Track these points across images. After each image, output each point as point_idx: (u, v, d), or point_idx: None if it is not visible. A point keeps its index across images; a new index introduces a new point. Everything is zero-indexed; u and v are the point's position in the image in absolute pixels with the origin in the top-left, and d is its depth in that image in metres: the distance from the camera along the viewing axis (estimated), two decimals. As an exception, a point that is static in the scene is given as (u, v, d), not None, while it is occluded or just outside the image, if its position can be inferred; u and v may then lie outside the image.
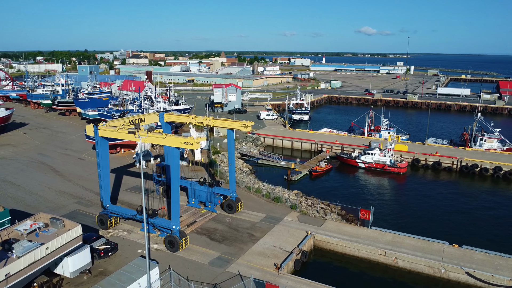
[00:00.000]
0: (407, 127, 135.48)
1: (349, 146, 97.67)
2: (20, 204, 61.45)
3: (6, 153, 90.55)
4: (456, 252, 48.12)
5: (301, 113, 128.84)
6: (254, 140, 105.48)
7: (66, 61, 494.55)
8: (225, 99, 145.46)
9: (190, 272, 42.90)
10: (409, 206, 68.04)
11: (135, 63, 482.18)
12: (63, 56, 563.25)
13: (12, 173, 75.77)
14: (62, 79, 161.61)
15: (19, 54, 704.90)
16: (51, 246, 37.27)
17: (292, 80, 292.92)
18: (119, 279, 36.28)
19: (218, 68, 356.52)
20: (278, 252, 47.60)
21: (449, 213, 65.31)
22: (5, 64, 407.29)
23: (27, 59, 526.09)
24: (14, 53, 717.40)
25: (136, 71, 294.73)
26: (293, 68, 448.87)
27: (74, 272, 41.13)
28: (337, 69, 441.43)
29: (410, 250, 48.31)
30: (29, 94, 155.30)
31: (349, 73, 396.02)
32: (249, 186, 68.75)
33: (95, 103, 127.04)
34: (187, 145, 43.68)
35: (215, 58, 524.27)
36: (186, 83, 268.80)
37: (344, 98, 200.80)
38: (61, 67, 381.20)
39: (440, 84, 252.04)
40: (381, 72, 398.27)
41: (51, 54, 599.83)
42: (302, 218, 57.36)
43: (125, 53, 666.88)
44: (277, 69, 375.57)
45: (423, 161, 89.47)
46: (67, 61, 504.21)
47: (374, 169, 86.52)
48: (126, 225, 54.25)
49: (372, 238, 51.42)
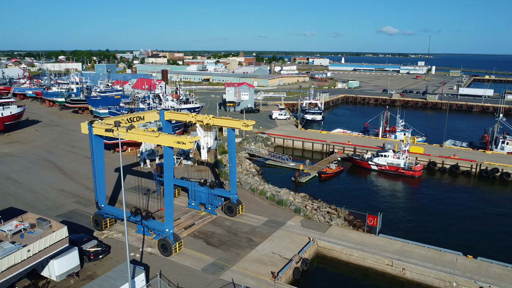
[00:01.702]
0: (425, 128, 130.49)
1: (362, 148, 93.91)
2: (19, 202, 60.54)
3: (15, 150, 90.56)
4: (470, 264, 44.34)
5: (314, 113, 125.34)
6: (264, 140, 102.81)
7: (87, 60, 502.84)
8: (237, 98, 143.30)
9: (181, 279, 40.61)
10: (422, 213, 64.13)
11: (153, 62, 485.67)
12: (84, 55, 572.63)
13: (17, 171, 75.30)
14: (77, 78, 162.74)
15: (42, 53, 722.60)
16: (33, 248, 35.54)
17: (309, 80, 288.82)
18: (101, 286, 34.25)
19: (235, 67, 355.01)
20: (276, 259, 44.84)
21: (465, 221, 61.17)
22: (28, 63, 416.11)
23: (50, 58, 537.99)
24: (38, 53, 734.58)
25: (152, 70, 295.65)
26: (311, 68, 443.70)
27: (61, 276, 39.43)
28: (356, 69, 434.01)
29: (420, 261, 44.79)
30: (44, 92, 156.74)
31: (368, 73, 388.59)
32: (253, 188, 66.19)
33: (107, 101, 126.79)
34: (180, 144, 41.42)
35: (232, 58, 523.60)
36: (202, 82, 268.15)
37: (361, 98, 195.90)
38: (80, 66, 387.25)
39: (462, 84, 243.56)
40: (401, 72, 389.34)
41: (72, 53, 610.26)
42: (306, 223, 54.41)
43: (145, 53, 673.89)
44: (294, 68, 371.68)
45: (440, 164, 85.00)
46: (87, 60, 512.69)
47: (387, 172, 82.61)
48: (122, 226, 52.40)
49: (379, 247, 48.08)
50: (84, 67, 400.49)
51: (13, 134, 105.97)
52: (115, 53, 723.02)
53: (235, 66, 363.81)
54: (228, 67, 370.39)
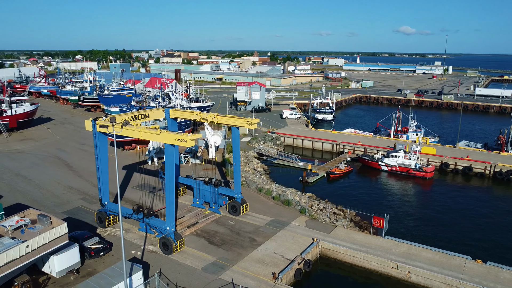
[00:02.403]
0: (439, 129, 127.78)
1: (373, 148, 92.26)
2: (26, 198, 61.16)
3: (26, 147, 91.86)
4: (479, 268, 42.79)
5: (325, 112, 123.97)
6: (273, 139, 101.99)
7: (103, 60, 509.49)
8: (248, 97, 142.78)
9: (181, 278, 40.21)
10: (431, 215, 62.42)
11: (168, 61, 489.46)
12: (100, 55, 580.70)
13: (27, 167, 76.24)
14: (91, 76, 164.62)
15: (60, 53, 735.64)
16: (32, 244, 35.58)
17: (322, 79, 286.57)
18: (97, 283, 34.07)
19: (248, 67, 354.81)
20: (278, 259, 44.07)
21: (476, 224, 59.26)
22: (45, 62, 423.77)
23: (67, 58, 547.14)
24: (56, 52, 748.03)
25: (165, 69, 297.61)
26: (325, 68, 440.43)
27: (61, 272, 39.45)
28: (371, 68, 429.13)
29: (426, 264, 43.42)
30: (58, 90, 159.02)
31: (383, 73, 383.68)
32: (259, 187, 65.49)
33: (119, 100, 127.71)
34: (181, 142, 41.03)
35: (246, 58, 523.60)
36: (214, 82, 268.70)
37: (375, 98, 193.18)
38: (96, 65, 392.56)
39: (479, 84, 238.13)
40: (417, 72, 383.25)
41: (89, 53, 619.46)
42: (311, 223, 53.47)
43: (160, 52, 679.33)
44: (308, 68, 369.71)
45: (453, 166, 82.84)
46: (104, 59, 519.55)
47: (397, 173, 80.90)
48: (125, 223, 52.32)
49: (384, 249, 46.86)
50: (100, 66, 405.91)
51: (26, 131, 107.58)
52: (131, 52, 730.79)
53: (248, 66, 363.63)
54: (242, 66, 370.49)
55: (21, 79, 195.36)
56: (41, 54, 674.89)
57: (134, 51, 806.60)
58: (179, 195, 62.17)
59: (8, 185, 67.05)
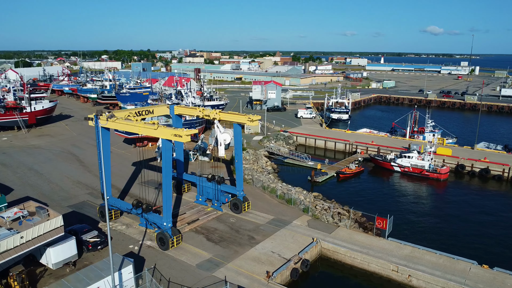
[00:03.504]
0: (461, 130, 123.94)
1: (386, 148, 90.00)
2: (36, 192, 62.53)
3: (43, 142, 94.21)
4: (484, 274, 40.79)
5: (340, 112, 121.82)
6: (285, 138, 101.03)
7: (128, 60, 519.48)
8: (264, 96, 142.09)
9: (174, 273, 40.04)
10: (442, 218, 60.16)
11: (191, 61, 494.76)
12: (125, 55, 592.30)
13: (40, 162, 78.09)
14: (110, 75, 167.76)
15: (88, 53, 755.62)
16: (26, 235, 36.13)
17: (343, 79, 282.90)
18: (87, 275, 34.28)
19: (268, 66, 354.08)
20: (275, 258, 43.30)
21: (488, 229, 56.59)
22: (71, 62, 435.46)
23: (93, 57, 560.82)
24: (83, 52, 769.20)
25: (185, 69, 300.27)
26: (347, 68, 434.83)
27: (57, 264, 39.91)
28: (395, 69, 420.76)
29: (428, 268, 41.73)
30: (79, 89, 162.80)
31: (406, 73, 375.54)
32: (264, 186, 64.78)
33: (135, 98, 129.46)
34: (176, 137, 40.87)
35: (268, 58, 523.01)
36: (234, 81, 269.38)
37: (395, 98, 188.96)
38: (120, 65, 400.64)
39: (506, 85, 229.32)
40: (442, 73, 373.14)
41: (115, 53, 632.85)
42: (313, 223, 52.40)
43: (183, 52, 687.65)
44: (329, 68, 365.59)
45: (469, 168, 79.78)
46: (128, 59, 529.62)
47: (410, 174, 78.54)
48: (127, 219, 52.79)
49: (386, 251, 45.36)
50: (124, 65, 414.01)
51: (44, 127, 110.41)
52: (156, 53, 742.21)
53: (268, 66, 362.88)
54: (262, 66, 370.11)
55: (45, 77, 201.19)
56: (68, 54, 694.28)
57: (159, 51, 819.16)
58: (184, 191, 62.23)
59: (20, 179, 68.79)
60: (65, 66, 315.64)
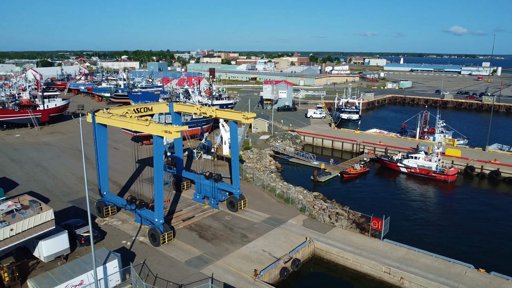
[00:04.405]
0: (475, 131, 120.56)
1: (394, 149, 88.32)
2: (40, 187, 63.83)
3: (53, 139, 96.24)
4: (480, 278, 39.40)
5: (350, 111, 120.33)
6: (292, 138, 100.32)
7: (147, 60, 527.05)
8: (274, 95, 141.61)
9: (162, 269, 40.13)
10: (446, 220, 58.57)
11: (208, 61, 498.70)
12: (144, 55, 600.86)
13: (48, 158, 79.75)
14: (125, 75, 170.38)
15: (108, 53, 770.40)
16: (16, 227, 36.84)
17: (358, 80, 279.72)
18: (71, 268, 34.73)
19: (284, 66, 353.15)
20: (265, 257, 42.90)
21: (493, 233, 54.65)
22: (91, 62, 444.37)
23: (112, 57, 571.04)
24: (104, 52, 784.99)
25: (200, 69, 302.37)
26: (365, 68, 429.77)
27: (49, 257, 40.58)
28: (413, 69, 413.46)
29: (422, 271, 40.57)
30: (94, 88, 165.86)
31: (425, 74, 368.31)
32: (264, 185, 64.39)
33: (147, 97, 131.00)
34: (167, 133, 40.98)
35: (285, 58, 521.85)
36: (248, 81, 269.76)
37: (410, 98, 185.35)
38: (138, 65, 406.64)
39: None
40: (463, 73, 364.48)
41: (134, 53, 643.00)
42: (308, 222, 51.75)
43: (201, 53, 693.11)
44: (346, 68, 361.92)
45: (479, 169, 77.47)
46: (147, 59, 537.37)
47: (417, 175, 76.81)
48: (124, 214, 53.30)
49: (380, 252, 44.37)
50: (141, 65, 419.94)
51: (56, 125, 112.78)
52: (174, 53, 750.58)
53: (284, 66, 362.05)
54: (277, 66, 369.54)
55: (63, 76, 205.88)
56: (90, 54, 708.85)
57: (178, 52, 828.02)
58: (183, 189, 62.46)
59: (27, 174, 70.38)
60: (85, 66, 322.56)
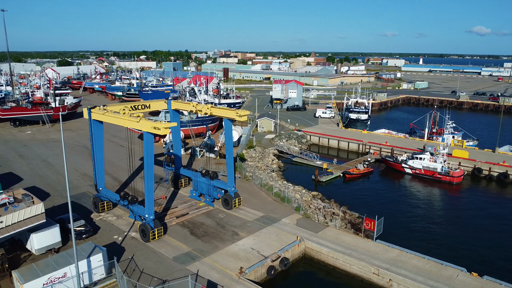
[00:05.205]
0: (488, 133, 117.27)
1: (400, 149, 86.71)
2: (42, 182, 65.23)
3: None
4: (471, 282, 38.22)
5: (359, 112, 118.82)
6: (298, 137, 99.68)
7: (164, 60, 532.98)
8: (284, 95, 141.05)
9: (149, 265, 40.39)
10: (446, 223, 57.16)
11: (225, 62, 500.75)
12: (162, 55, 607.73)
13: (54, 155, 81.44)
14: (137, 74, 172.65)
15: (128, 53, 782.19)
16: (6, 220, 37.66)
17: (374, 80, 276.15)
18: (56, 261, 35.24)
19: (299, 66, 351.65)
20: (253, 255, 42.67)
21: (494, 236, 53.02)
22: (109, 61, 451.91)
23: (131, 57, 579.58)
24: (124, 52, 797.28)
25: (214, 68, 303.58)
26: (382, 69, 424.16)
27: (40, 250, 41.39)
28: (432, 70, 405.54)
29: (412, 273, 39.63)
30: (107, 86, 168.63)
31: (444, 75, 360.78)
32: (263, 183, 64.13)
33: (157, 95, 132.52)
34: (155, 130, 41.27)
35: (302, 58, 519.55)
36: (262, 81, 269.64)
37: (424, 99, 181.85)
38: (155, 65, 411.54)
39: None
40: (483, 74, 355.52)
41: (153, 53, 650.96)
42: (302, 222, 51.26)
43: (218, 53, 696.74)
44: (362, 69, 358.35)
45: (486, 171, 75.33)
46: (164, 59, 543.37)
47: (422, 177, 75.23)
48: (120, 210, 53.91)
49: (371, 253, 43.57)
50: (158, 65, 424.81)
51: (68, 123, 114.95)
52: (192, 53, 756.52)
53: (299, 66, 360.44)
54: (292, 66, 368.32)
55: (79, 75, 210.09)
56: (109, 54, 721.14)
57: (196, 52, 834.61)
58: (181, 186, 62.77)
59: (32, 169, 72.02)
60: (104, 66, 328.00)
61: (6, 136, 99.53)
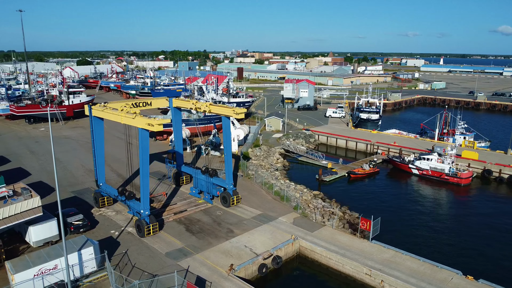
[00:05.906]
0: (505, 134, 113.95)
1: (409, 150, 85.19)
2: (49, 177, 66.77)
3: (73, 133, 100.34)
4: (466, 285, 37.25)
5: (370, 111, 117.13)
6: (306, 136, 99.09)
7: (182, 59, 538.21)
8: (295, 94, 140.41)
9: (141, 259, 40.88)
10: (449, 225, 55.88)
11: (241, 61, 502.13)
12: (180, 55, 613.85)
13: (64, 151, 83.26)
14: (152, 73, 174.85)
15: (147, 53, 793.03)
16: (3, 213, 38.72)
17: (390, 80, 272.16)
18: (48, 253, 36.06)
19: (314, 66, 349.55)
20: (245, 253, 42.65)
21: (497, 240, 51.51)
22: (128, 61, 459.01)
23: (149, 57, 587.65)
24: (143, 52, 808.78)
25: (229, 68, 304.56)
26: (400, 69, 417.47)
27: (37, 242, 42.42)
28: (452, 70, 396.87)
29: (405, 275, 38.90)
30: (122, 85, 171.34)
31: (464, 75, 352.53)
32: (264, 182, 64.02)
33: (169, 94, 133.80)
34: (149, 126, 41.75)
35: (318, 58, 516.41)
36: (277, 80, 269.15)
37: (440, 99, 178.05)
38: (172, 64, 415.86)
39: None
40: (505, 74, 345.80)
41: (171, 53, 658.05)
42: (299, 220, 50.94)
43: (236, 53, 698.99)
44: (379, 69, 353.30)
45: (496, 173, 73.27)
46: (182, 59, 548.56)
47: (429, 178, 73.71)
48: (118, 206, 54.77)
49: (365, 253, 42.96)
50: (175, 65, 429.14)
51: (81, 120, 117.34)
52: (211, 53, 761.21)
53: (315, 65, 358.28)
54: (308, 66, 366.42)
55: (96, 74, 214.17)
56: (129, 54, 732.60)
57: (215, 52, 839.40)
58: (182, 183, 63.27)
59: (41, 165, 73.82)
60: (122, 65, 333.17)
61: (21, 132, 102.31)
